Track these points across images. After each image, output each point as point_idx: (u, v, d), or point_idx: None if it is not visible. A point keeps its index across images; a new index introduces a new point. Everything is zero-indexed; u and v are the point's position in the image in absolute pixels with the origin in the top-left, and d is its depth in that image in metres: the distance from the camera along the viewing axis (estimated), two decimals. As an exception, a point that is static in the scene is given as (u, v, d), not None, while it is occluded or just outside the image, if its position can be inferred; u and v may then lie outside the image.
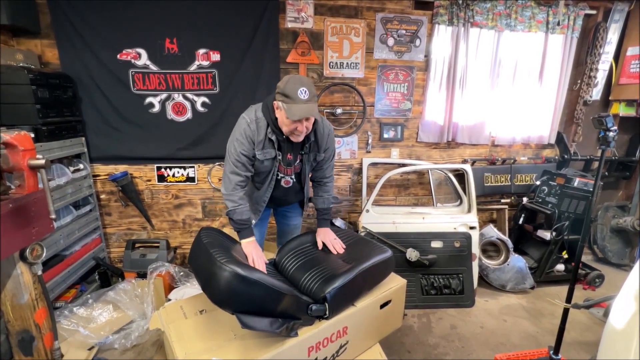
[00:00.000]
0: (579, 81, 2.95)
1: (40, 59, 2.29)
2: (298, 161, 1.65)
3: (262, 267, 1.45)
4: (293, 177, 1.69)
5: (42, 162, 0.89)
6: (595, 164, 3.09)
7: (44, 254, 1.03)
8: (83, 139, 2.42)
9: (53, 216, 0.94)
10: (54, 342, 1.10)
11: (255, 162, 1.56)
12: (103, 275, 2.50)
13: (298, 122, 1.41)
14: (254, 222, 1.74)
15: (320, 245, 1.71)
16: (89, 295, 2.19)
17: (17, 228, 0.94)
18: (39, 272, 1.04)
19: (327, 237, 1.72)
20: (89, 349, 1.84)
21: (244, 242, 1.54)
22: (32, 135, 1.93)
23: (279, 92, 1.41)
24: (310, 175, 1.81)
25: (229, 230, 2.52)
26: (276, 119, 1.48)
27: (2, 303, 1.01)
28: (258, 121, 1.50)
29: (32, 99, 1.94)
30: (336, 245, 1.69)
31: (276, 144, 1.53)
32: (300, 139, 1.52)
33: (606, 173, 3.15)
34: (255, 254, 1.50)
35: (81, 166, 2.39)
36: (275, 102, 1.45)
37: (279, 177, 1.66)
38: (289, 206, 1.89)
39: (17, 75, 1.91)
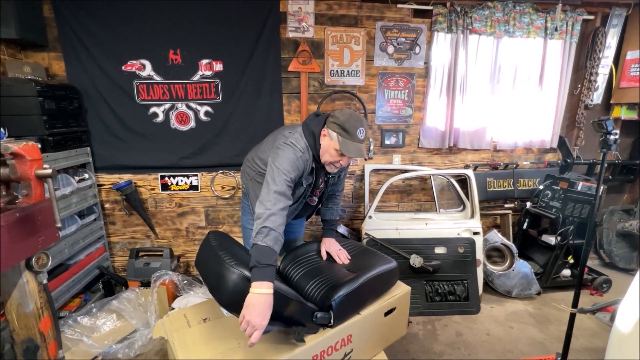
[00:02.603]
0: (579, 85, 2.96)
1: (47, 72, 2.35)
2: (322, 183, 1.67)
3: (254, 337, 1.06)
4: (317, 196, 1.72)
5: (49, 171, 0.90)
6: (599, 168, 3.07)
7: (50, 263, 1.04)
8: (88, 148, 2.45)
9: (59, 225, 0.95)
10: (58, 351, 1.10)
11: (297, 189, 1.54)
12: (107, 284, 2.51)
13: (342, 156, 1.43)
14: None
15: (324, 256, 1.69)
16: (92, 305, 2.20)
17: (23, 237, 0.95)
18: (44, 281, 1.04)
19: (332, 247, 1.71)
20: (93, 359, 1.84)
21: (262, 289, 1.08)
22: (39, 145, 1.94)
23: (336, 123, 1.41)
24: None
25: (235, 236, 2.52)
26: (319, 147, 1.47)
27: (8, 312, 1.02)
28: (307, 150, 1.47)
29: (39, 111, 1.97)
30: (341, 256, 1.67)
31: (315, 171, 1.54)
32: (335, 171, 1.55)
33: (610, 177, 3.13)
34: (263, 324, 1.06)
35: (86, 176, 2.41)
36: (325, 129, 1.44)
37: (308, 198, 1.68)
38: (295, 219, 1.88)
39: (25, 88, 1.95)
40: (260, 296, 1.07)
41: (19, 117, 1.96)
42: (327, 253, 1.71)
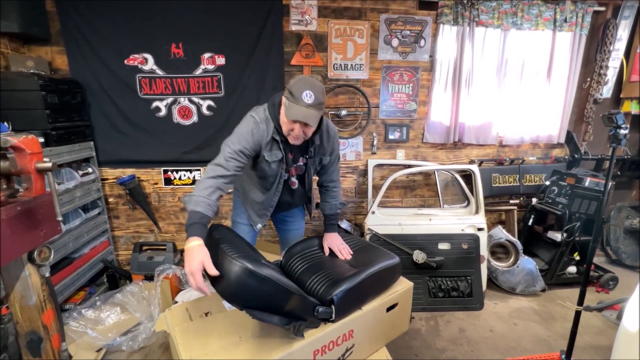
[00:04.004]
0: (588, 79, 2.89)
1: (50, 66, 2.35)
2: (301, 163, 1.61)
3: (194, 284, 1.13)
4: (297, 179, 1.64)
5: (49, 165, 0.90)
6: (607, 164, 3.02)
7: (52, 256, 1.04)
8: (92, 143, 2.46)
9: (60, 218, 0.95)
10: (62, 343, 1.11)
11: (261, 165, 1.50)
12: (111, 278, 2.53)
13: (295, 124, 1.36)
14: (259, 226, 1.72)
15: (327, 251, 1.66)
16: (97, 298, 2.22)
17: (25, 230, 0.95)
18: (47, 274, 1.05)
19: (334, 243, 1.68)
20: (97, 351, 1.86)
21: (189, 245, 1.19)
22: (42, 140, 1.97)
23: (287, 88, 1.37)
24: (317, 181, 1.78)
25: None
26: (279, 117, 1.44)
27: (11, 304, 1.02)
28: (267, 122, 1.45)
29: (42, 105, 1.98)
30: (343, 251, 1.65)
31: (281, 144, 1.48)
32: (297, 142, 1.45)
33: (619, 172, 3.07)
34: (196, 269, 1.12)
35: (90, 170, 2.42)
36: (283, 97, 1.41)
37: (286, 178, 1.60)
38: (288, 211, 1.84)
39: (28, 82, 1.96)
40: (189, 249, 1.19)
41: (23, 111, 1.97)
42: (330, 249, 1.69)
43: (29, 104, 1.96)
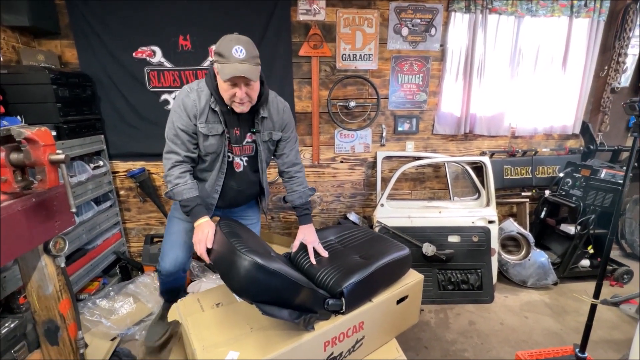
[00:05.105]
0: (606, 67, 2.80)
1: (60, 59, 2.36)
2: (250, 140, 1.46)
3: (200, 250, 1.32)
4: (245, 158, 1.48)
5: (62, 157, 0.90)
6: (624, 155, 2.93)
7: (67, 247, 1.06)
8: (102, 136, 2.48)
9: (74, 210, 0.96)
10: (78, 332, 1.13)
11: (199, 140, 1.38)
12: (124, 269, 2.58)
13: (236, 87, 1.25)
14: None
15: (296, 246, 1.52)
16: (110, 288, 2.26)
17: (40, 221, 0.97)
18: (62, 265, 1.07)
19: (309, 239, 1.51)
20: (112, 340, 1.90)
21: (197, 224, 1.35)
22: (54, 133, 1.99)
23: (215, 52, 1.25)
24: (278, 169, 1.63)
25: None
26: (217, 85, 1.32)
27: (29, 294, 1.05)
28: (199, 90, 1.34)
29: (54, 98, 2.00)
30: (319, 250, 1.48)
31: (221, 116, 1.35)
32: (244, 108, 1.32)
33: (636, 164, 2.98)
34: (202, 238, 1.31)
35: (101, 163, 2.45)
36: (214, 66, 1.29)
37: (230, 159, 1.45)
38: (244, 208, 1.68)
39: (39, 76, 1.97)
40: (199, 225, 1.35)
41: (34, 105, 1.99)
42: (303, 245, 1.53)
43: (41, 97, 1.98)
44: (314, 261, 1.45)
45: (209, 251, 1.32)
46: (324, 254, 1.51)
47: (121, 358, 1.83)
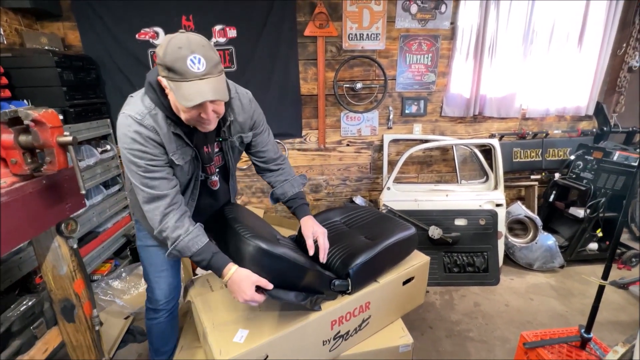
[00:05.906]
0: (624, 45, 2.68)
1: (63, 42, 2.34)
2: (217, 150, 1.22)
3: (256, 301, 1.09)
4: (218, 174, 1.28)
5: (70, 138, 0.90)
6: (639, 137, 2.85)
7: (78, 229, 1.08)
8: (108, 120, 2.48)
9: (83, 192, 0.97)
10: (93, 310, 1.17)
11: (174, 171, 1.12)
12: (134, 251, 2.64)
13: (200, 107, 0.95)
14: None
15: (312, 246, 1.28)
16: (122, 270, 2.33)
17: (51, 203, 0.98)
18: (75, 246, 1.09)
19: (318, 229, 1.31)
20: (125, 318, 1.97)
21: (225, 279, 1.09)
22: (61, 117, 1.99)
23: (159, 64, 0.94)
24: (257, 168, 1.41)
25: (253, 207, 2.51)
26: (169, 103, 1.02)
27: (44, 274, 1.08)
28: (152, 113, 1.04)
29: (59, 82, 1.99)
30: (324, 242, 1.30)
31: (186, 138, 1.09)
32: (211, 127, 1.06)
33: (650, 146, 2.91)
34: (252, 295, 1.07)
35: (108, 147, 2.46)
36: (159, 77, 0.99)
37: (204, 179, 1.24)
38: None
39: (44, 59, 1.96)
40: (232, 278, 1.09)
41: (40, 89, 1.99)
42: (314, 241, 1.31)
43: (46, 81, 1.98)
44: (325, 255, 1.30)
45: (261, 289, 1.11)
46: (325, 246, 1.32)
47: (135, 335, 1.90)
